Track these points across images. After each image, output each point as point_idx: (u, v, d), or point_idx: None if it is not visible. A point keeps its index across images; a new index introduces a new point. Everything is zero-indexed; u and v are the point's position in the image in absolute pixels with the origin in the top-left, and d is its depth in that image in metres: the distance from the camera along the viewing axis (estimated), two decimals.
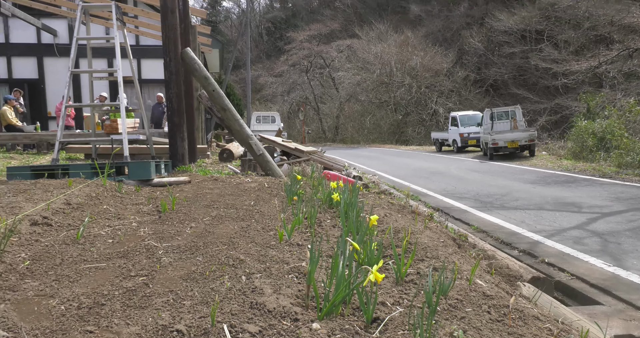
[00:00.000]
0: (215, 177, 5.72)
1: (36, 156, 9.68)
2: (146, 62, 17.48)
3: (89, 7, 5.52)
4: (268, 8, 58.07)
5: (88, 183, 3.97)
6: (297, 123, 40.32)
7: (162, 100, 14.57)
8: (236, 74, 47.42)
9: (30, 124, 13.55)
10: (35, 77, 17.89)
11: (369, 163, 16.57)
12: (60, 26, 17.51)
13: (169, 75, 5.81)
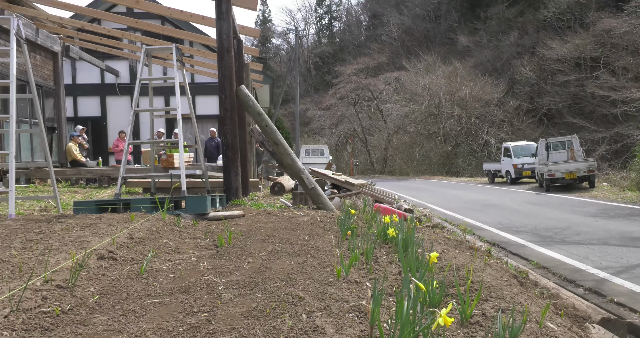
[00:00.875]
0: (268, 211, 5.79)
1: (98, 190, 10.13)
2: (200, 98, 18.18)
3: (151, 50, 5.85)
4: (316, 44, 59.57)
5: (149, 217, 4.10)
6: (345, 155, 40.48)
7: (214, 135, 15.05)
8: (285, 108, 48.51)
9: (93, 160, 14.28)
10: (98, 115, 18.95)
11: (419, 195, 16.31)
12: (122, 67, 18.60)
13: (224, 111, 6.01)
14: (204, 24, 8.34)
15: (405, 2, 47.46)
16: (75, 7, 10.81)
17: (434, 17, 45.83)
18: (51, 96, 13.15)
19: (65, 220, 3.94)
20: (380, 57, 42.66)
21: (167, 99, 17.87)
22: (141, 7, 8.81)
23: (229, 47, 5.80)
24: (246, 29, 8.83)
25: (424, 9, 45.84)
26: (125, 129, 16.21)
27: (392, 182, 25.99)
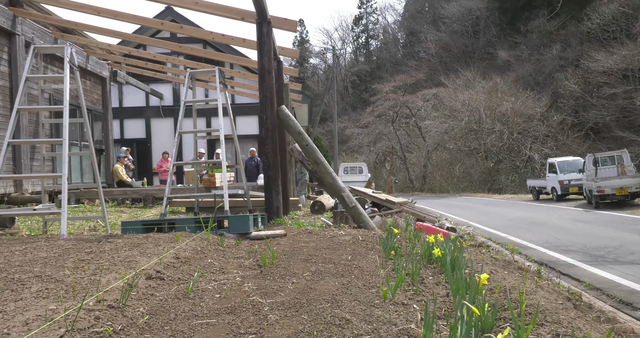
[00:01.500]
0: (310, 230, 5.78)
1: (143, 210, 10.39)
2: (240, 119, 18.53)
3: (195, 73, 6.02)
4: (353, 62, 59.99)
5: (193, 237, 4.17)
6: (384, 173, 40.21)
7: (254, 154, 15.26)
8: (323, 127, 48.83)
9: (138, 180, 14.71)
10: (143, 136, 19.58)
11: (460, 213, 15.96)
12: (166, 90, 19.22)
13: (265, 131, 6.09)
14: (244, 46, 8.54)
15: (442, 18, 47.31)
16: (123, 34, 11.28)
17: (473, 33, 45.43)
18: (99, 119, 13.69)
19: (114, 240, 4.04)
20: (418, 74, 42.50)
21: (208, 120, 18.30)
22: (185, 33, 9.12)
23: (269, 68, 5.90)
24: (286, 50, 8.98)
25: (462, 24, 45.54)
26: (170, 150, 16.67)
27: (432, 200, 25.56)
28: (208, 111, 17.37)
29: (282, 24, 6.84)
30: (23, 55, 9.77)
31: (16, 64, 9.59)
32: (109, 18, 8.46)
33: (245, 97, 17.31)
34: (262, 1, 5.52)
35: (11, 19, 9.38)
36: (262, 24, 5.86)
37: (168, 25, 10.59)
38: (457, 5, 45.11)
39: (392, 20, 63.83)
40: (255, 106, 18.62)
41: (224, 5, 6.89)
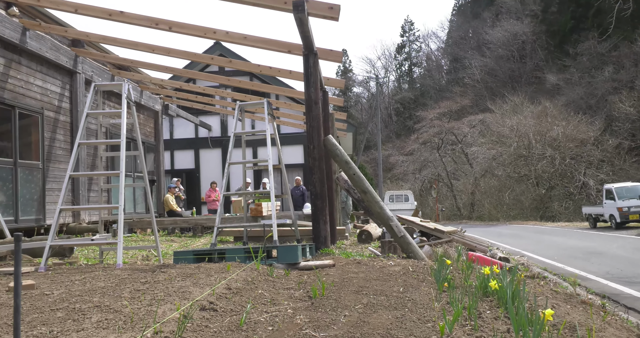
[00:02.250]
0: (358, 260, 5.70)
1: (192, 239, 10.58)
2: (284, 148, 18.81)
3: (244, 105, 6.18)
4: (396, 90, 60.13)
5: (244, 267, 4.19)
6: (430, 201, 39.50)
7: (300, 183, 15.36)
8: (367, 155, 48.79)
9: (188, 210, 15.06)
10: (192, 167, 20.13)
11: (512, 241, 15.38)
12: (214, 121, 19.80)
13: (313, 161, 6.12)
14: (290, 78, 8.73)
15: (487, 44, 46.94)
16: (174, 70, 11.79)
17: (519, 57, 44.76)
18: (152, 150, 14.21)
19: (167, 270, 4.12)
20: (463, 100, 42.06)
21: (255, 150, 18.66)
22: (233, 66, 9.43)
23: (316, 99, 5.98)
24: (331, 80, 9.11)
25: (508, 49, 45.00)
26: (217, 180, 17.04)
27: (482, 228, 24.80)
28: (255, 142, 17.73)
29: (327, 55, 6.96)
30: (83, 92, 10.35)
31: (76, 100, 10.16)
32: (162, 55, 8.87)
33: (290, 127, 17.60)
34: (309, 34, 5.65)
35: (73, 58, 9.99)
36: (308, 56, 5.98)
37: (217, 60, 11.00)
38: (501, 31, 44.71)
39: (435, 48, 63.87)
40: (299, 135, 18.88)
41: (271, 39, 7.11)
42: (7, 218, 7.98)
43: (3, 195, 8.19)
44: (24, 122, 8.84)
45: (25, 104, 8.76)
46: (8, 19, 8.12)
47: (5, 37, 7.99)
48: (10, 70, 8.37)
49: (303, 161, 19.54)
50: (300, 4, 5.10)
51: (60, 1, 7.13)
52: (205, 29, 7.16)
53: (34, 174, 9.01)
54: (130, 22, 7.20)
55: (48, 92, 9.45)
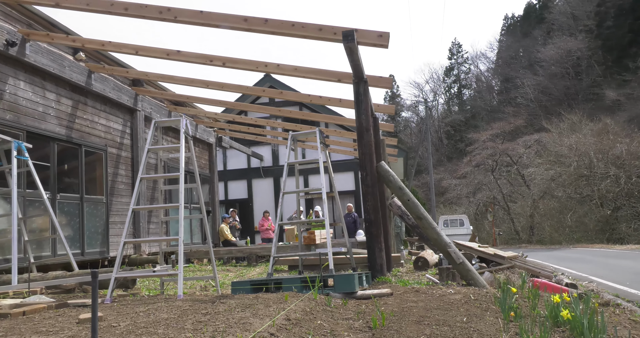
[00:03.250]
0: (416, 288, 5.56)
1: (248, 268, 10.67)
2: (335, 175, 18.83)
3: (297, 135, 6.27)
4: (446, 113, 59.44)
5: (301, 297, 4.17)
6: (486, 225, 38.19)
7: (351, 210, 15.29)
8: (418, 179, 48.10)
9: (242, 239, 15.27)
10: (245, 197, 20.50)
11: (577, 266, 14.54)
12: (265, 151, 20.18)
13: (366, 188, 6.10)
14: (340, 106, 8.82)
15: (539, 62, 45.82)
16: (227, 103, 12.18)
17: (574, 74, 43.36)
18: (207, 182, 14.61)
19: (226, 301, 4.16)
20: (516, 121, 40.93)
21: (306, 178, 18.81)
22: (284, 97, 9.65)
23: (367, 126, 5.99)
24: (381, 106, 9.13)
25: (562, 66, 43.72)
26: (270, 209, 17.25)
27: (543, 252, 23.64)
28: (305, 170, 17.90)
29: (377, 82, 7.00)
30: (143, 128, 10.85)
31: (137, 136, 10.66)
32: (216, 89, 9.21)
33: (340, 154, 17.68)
34: (359, 62, 5.71)
35: (134, 97, 10.54)
36: (358, 84, 6.03)
37: (269, 92, 11.29)
38: (554, 48, 43.58)
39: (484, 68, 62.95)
40: (349, 162, 18.91)
41: (321, 69, 7.24)
42: (74, 251, 8.37)
43: (70, 229, 8.61)
44: (89, 159, 9.34)
45: (91, 142, 9.27)
46: (76, 63, 8.71)
47: (73, 80, 8.56)
48: (78, 111, 8.92)
49: (354, 187, 19.49)
50: (349, 33, 5.19)
51: (123, 44, 7.59)
52: (257, 63, 7.40)
53: (98, 208, 9.44)
54: (186, 60, 7.55)
55: (111, 129, 9.98)
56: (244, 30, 5.73)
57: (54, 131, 8.28)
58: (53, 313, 4.13)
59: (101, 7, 5.89)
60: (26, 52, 7.48)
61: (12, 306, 4.38)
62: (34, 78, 7.90)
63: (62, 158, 8.58)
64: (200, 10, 5.71)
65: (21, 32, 7.45)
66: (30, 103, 7.79)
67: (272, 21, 5.60)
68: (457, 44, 63.06)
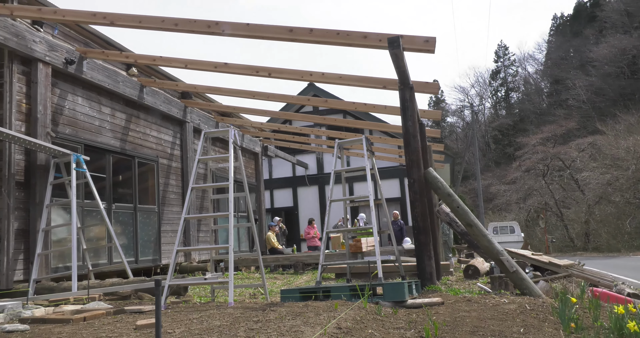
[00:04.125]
0: (468, 297, 5.42)
1: (294, 276, 10.72)
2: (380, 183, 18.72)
3: (343, 143, 6.28)
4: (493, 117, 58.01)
5: (351, 306, 4.15)
6: (538, 232, 36.85)
7: (397, 217, 15.12)
8: (465, 185, 47.07)
9: (288, 247, 15.38)
10: (290, 205, 20.66)
11: (638, 275, 13.80)
12: (310, 160, 20.30)
13: (414, 195, 6.02)
14: (385, 113, 8.78)
15: (591, 62, 44.07)
16: (272, 112, 12.36)
17: (630, 73, 41.43)
18: (253, 191, 14.82)
19: (276, 309, 4.19)
20: (568, 123, 39.42)
21: (350, 185, 18.78)
22: (329, 106, 9.70)
23: (414, 132, 5.93)
24: (427, 112, 9.03)
25: (616, 65, 41.87)
26: (315, 217, 17.30)
27: (600, 260, 22.55)
28: (350, 178, 17.88)
29: (423, 87, 6.93)
30: (192, 139, 11.16)
31: (186, 147, 10.96)
32: (262, 100, 9.37)
33: (384, 161, 17.56)
34: (404, 68, 5.68)
35: (183, 109, 10.86)
36: (404, 90, 5.99)
37: (314, 101, 11.38)
38: (607, 47, 41.83)
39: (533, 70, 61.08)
40: (394, 169, 18.74)
41: (365, 77, 7.24)
42: (129, 258, 8.66)
43: (125, 238, 8.92)
44: (142, 170, 9.67)
45: (143, 153, 9.61)
46: (129, 78, 9.08)
47: (127, 95, 8.92)
48: (131, 124, 9.27)
49: (399, 194, 19.30)
50: (395, 40, 5.17)
51: (173, 59, 7.86)
52: (302, 72, 7.48)
53: (150, 217, 9.75)
54: (233, 72, 7.73)
55: (162, 141, 10.31)
56: (289, 40, 5.81)
57: (109, 143, 8.64)
58: (111, 319, 4.28)
59: (153, 23, 6.12)
60: (83, 70, 7.85)
61: (74, 312, 4.58)
62: (90, 94, 8.28)
63: (117, 169, 8.93)
64: (247, 22, 5.83)
65: (79, 50, 7.84)
66: (87, 118, 8.16)
67: (316, 31, 5.65)
68: (503, 46, 61.55)
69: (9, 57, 6.77)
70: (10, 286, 6.42)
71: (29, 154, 6.92)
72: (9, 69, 6.75)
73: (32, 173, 6.90)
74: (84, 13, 6.44)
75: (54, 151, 6.83)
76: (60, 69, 7.46)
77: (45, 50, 7.14)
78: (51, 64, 7.25)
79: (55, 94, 7.51)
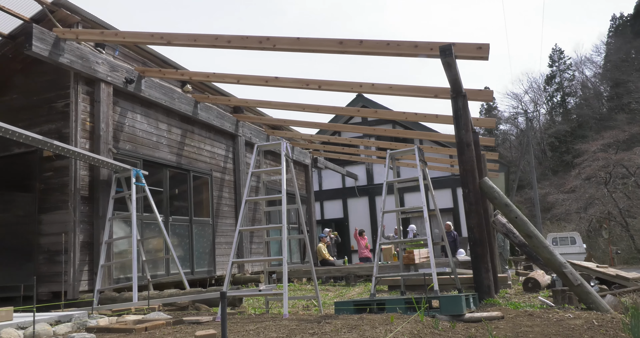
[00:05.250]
0: (529, 311, 5.21)
1: (346, 288, 10.64)
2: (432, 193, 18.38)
3: (394, 154, 6.23)
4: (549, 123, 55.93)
5: (407, 319, 4.07)
6: (601, 243, 35.01)
7: (450, 228, 14.78)
8: (520, 195, 45.47)
9: (339, 259, 15.33)
10: (340, 216, 20.63)
11: None
12: (359, 171, 20.24)
13: (469, 206, 5.87)
14: (437, 122, 8.65)
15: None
16: (321, 124, 12.44)
17: None
18: (304, 202, 14.92)
19: (331, 321, 4.17)
20: (631, 128, 37.43)
21: (401, 196, 18.54)
22: (378, 116, 9.67)
23: (468, 141, 5.81)
24: (480, 120, 8.83)
25: None
26: (366, 228, 17.18)
27: None
28: (401, 188, 17.66)
29: (476, 95, 6.79)
30: (244, 152, 11.39)
31: (238, 161, 11.20)
32: (312, 112, 9.46)
33: (435, 170, 17.27)
34: (457, 76, 5.59)
35: (235, 123, 11.13)
36: (457, 98, 5.89)
37: (364, 112, 11.38)
38: None
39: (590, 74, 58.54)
40: (445, 179, 18.38)
41: (416, 86, 7.18)
42: (185, 270, 8.89)
43: (181, 249, 9.17)
44: (197, 183, 9.95)
45: (198, 167, 9.89)
46: (184, 95, 9.41)
47: (182, 111, 9.24)
48: (186, 139, 9.58)
49: (452, 205, 18.89)
50: (447, 48, 5.10)
51: (225, 74, 8.08)
52: (351, 84, 7.51)
53: (205, 229, 9.99)
54: (283, 85, 7.85)
55: (215, 155, 10.58)
56: (339, 52, 5.85)
57: (166, 158, 8.95)
58: (171, 329, 4.39)
59: (207, 41, 6.33)
60: (142, 88, 8.21)
61: (136, 322, 4.73)
62: (148, 111, 8.63)
63: (173, 183, 9.23)
64: (297, 37, 5.93)
65: (137, 70, 8.21)
66: (146, 134, 8.50)
67: (366, 42, 5.67)
68: (558, 50, 59.41)
69: (75, 78, 7.18)
70: (77, 296, 6.72)
71: (92, 170, 7.27)
72: (74, 90, 7.15)
73: (96, 187, 7.23)
74: (143, 34, 6.75)
75: (116, 166, 7.14)
76: (121, 88, 7.83)
77: (107, 70, 7.52)
78: (112, 83, 7.63)
79: (116, 112, 7.88)
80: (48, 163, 7.29)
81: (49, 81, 7.58)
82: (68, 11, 7.08)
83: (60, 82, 7.40)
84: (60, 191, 7.10)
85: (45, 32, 6.51)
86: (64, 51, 6.75)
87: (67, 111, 7.21)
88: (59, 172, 7.19)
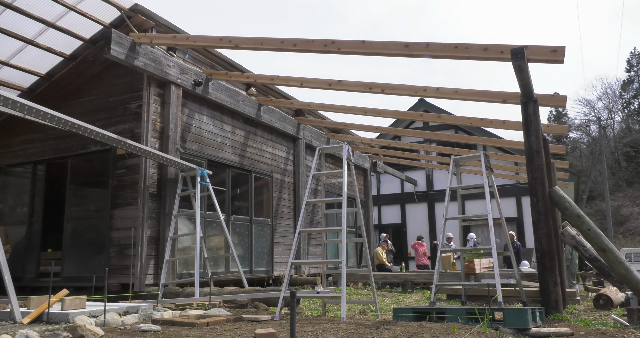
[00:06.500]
0: (602, 330, 4.90)
1: (403, 295, 10.47)
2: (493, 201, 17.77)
3: (459, 159, 6.07)
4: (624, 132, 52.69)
5: (470, 330, 3.94)
6: None
7: (513, 238, 14.22)
8: (590, 206, 43.09)
9: (396, 265, 15.13)
10: (398, 222, 20.37)
11: None
12: (419, 176, 19.92)
13: (537, 216, 5.62)
14: (504, 128, 8.36)
15: None
16: (381, 128, 12.34)
17: None
18: (362, 206, 14.84)
19: (390, 327, 4.11)
20: None
21: (462, 203, 18.07)
22: (441, 121, 9.47)
23: (538, 148, 5.56)
24: (551, 127, 8.46)
25: None
26: (424, 235, 16.85)
27: None
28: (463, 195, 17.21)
29: (548, 101, 6.50)
30: (304, 155, 11.49)
31: (298, 163, 11.31)
32: (373, 116, 9.40)
33: (499, 178, 16.68)
34: (528, 81, 5.37)
35: (296, 126, 11.26)
36: (527, 104, 5.65)
37: (427, 116, 11.19)
38: None
39: None
40: (510, 187, 17.70)
41: (483, 91, 6.96)
42: (244, 268, 9.07)
43: (241, 248, 9.37)
44: (258, 184, 10.14)
45: (259, 168, 10.08)
46: (248, 98, 9.63)
47: (246, 113, 9.47)
48: (249, 140, 9.80)
49: (516, 214, 18.19)
50: (519, 51, 4.91)
51: (289, 78, 8.19)
52: (415, 88, 7.40)
53: (264, 229, 10.15)
54: (346, 89, 7.86)
55: (276, 157, 10.75)
56: (405, 56, 5.78)
57: (229, 159, 9.19)
58: (231, 325, 4.49)
59: (273, 45, 6.44)
60: (209, 90, 8.48)
61: (198, 316, 4.87)
62: (214, 112, 8.90)
63: (235, 183, 9.45)
64: (362, 40, 5.91)
65: (205, 72, 8.49)
66: (211, 135, 8.77)
67: (433, 45, 5.56)
68: (637, 54, 55.90)
69: (147, 80, 7.52)
70: (143, 288, 7.02)
71: (161, 169, 7.58)
72: (147, 92, 7.50)
73: (163, 185, 7.54)
74: (212, 38, 6.97)
75: (183, 165, 7.41)
76: (189, 90, 8.12)
77: (177, 73, 7.83)
78: (182, 86, 7.93)
79: (184, 113, 8.19)
80: (121, 161, 7.67)
81: (124, 83, 7.99)
82: (144, 17, 7.44)
83: (134, 84, 7.78)
84: (131, 188, 7.45)
85: (122, 37, 6.87)
86: (139, 54, 7.09)
87: (139, 112, 7.56)
88: (130, 170, 7.54)
